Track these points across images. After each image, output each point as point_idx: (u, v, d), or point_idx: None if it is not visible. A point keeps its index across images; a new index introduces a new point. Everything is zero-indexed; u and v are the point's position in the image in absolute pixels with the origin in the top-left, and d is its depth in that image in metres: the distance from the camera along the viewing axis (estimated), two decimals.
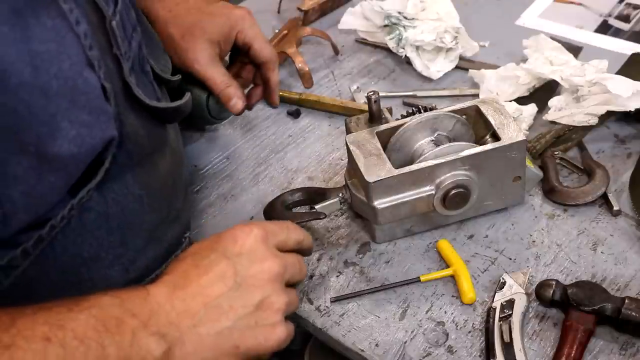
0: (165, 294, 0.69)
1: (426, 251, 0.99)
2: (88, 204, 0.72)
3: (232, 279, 0.72)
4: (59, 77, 0.64)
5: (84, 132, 0.66)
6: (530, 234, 1.00)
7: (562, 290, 0.88)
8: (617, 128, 1.14)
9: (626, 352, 0.85)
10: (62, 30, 0.65)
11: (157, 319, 0.67)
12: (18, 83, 0.61)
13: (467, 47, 1.30)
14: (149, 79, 0.84)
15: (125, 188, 0.76)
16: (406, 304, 0.93)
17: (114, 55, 0.74)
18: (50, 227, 0.69)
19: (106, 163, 0.71)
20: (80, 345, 0.61)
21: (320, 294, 0.95)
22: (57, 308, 0.63)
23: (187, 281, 0.70)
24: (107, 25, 0.73)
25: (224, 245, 0.74)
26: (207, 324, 0.69)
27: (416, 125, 0.98)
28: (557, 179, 1.05)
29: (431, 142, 0.98)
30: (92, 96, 0.67)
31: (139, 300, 0.67)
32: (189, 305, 0.69)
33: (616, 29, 1.36)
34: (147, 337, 0.65)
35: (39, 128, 0.63)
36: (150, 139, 0.81)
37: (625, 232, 0.99)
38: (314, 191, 1.04)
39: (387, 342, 0.89)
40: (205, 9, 1.03)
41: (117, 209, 0.75)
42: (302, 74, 1.28)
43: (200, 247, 0.75)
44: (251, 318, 0.72)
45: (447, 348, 0.88)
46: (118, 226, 0.76)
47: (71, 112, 0.65)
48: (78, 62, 0.66)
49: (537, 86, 1.20)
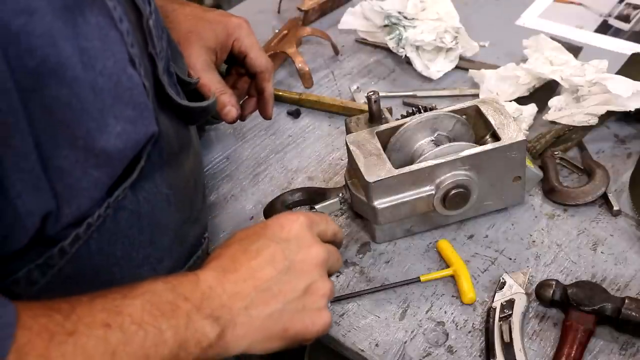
0: (216, 278, 0.70)
1: (426, 251, 0.99)
2: (122, 202, 0.73)
3: (281, 263, 0.73)
4: (104, 74, 0.65)
5: (129, 127, 0.67)
6: (530, 234, 1.00)
7: (562, 290, 0.88)
8: (617, 128, 1.14)
9: (626, 352, 0.85)
10: (105, 27, 0.66)
11: (209, 302, 0.68)
12: (73, 77, 0.62)
13: (467, 47, 1.30)
14: (173, 81, 0.85)
15: (155, 187, 0.77)
16: (406, 304, 0.93)
17: (149, 54, 0.75)
18: (87, 226, 0.70)
19: (142, 161, 0.72)
20: (139, 330, 0.63)
21: None
22: (112, 295, 0.65)
23: (237, 265, 0.72)
24: (144, 24, 0.74)
25: (271, 231, 0.76)
26: (258, 307, 0.71)
27: (416, 125, 0.98)
28: (557, 179, 1.05)
29: (431, 142, 0.98)
30: (135, 92, 0.69)
31: (190, 284, 0.69)
32: (240, 288, 0.70)
33: (616, 29, 1.36)
34: (202, 320, 0.67)
35: (88, 123, 0.64)
36: (178, 138, 0.82)
37: (625, 232, 0.99)
38: (314, 191, 1.04)
39: (387, 342, 0.89)
40: (203, 16, 1.04)
41: (148, 208, 0.76)
42: (302, 74, 1.28)
43: (247, 234, 0.77)
44: (299, 302, 0.73)
45: (447, 348, 0.88)
46: (148, 225, 0.77)
47: (116, 108, 0.66)
48: (121, 59, 0.67)
49: (537, 86, 1.20)
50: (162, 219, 0.79)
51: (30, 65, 0.59)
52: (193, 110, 0.85)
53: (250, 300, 0.71)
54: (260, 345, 0.72)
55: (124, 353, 0.62)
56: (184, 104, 0.81)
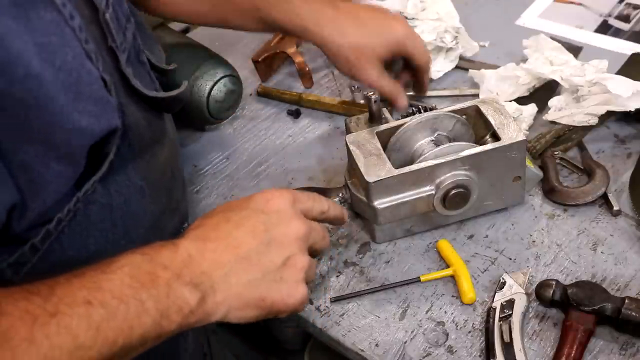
0: (196, 247, 0.71)
1: (426, 251, 0.99)
2: (93, 196, 0.73)
3: (262, 234, 0.75)
4: (64, 69, 0.65)
5: (92, 121, 0.68)
6: (530, 234, 1.00)
7: (562, 290, 0.88)
8: (617, 128, 1.14)
9: (626, 352, 0.85)
10: (60, 23, 0.66)
11: (189, 270, 0.69)
12: (25, 74, 0.61)
13: (467, 47, 1.30)
14: (146, 70, 0.85)
15: (127, 179, 0.77)
16: (406, 304, 0.93)
17: (110, 47, 0.75)
18: (57, 221, 0.70)
19: (111, 155, 0.72)
20: (120, 304, 0.63)
21: (320, 294, 0.95)
22: (90, 272, 0.65)
23: (218, 234, 0.73)
24: (100, 18, 0.74)
25: (255, 203, 0.77)
26: (237, 274, 0.72)
27: (416, 125, 0.98)
28: (557, 179, 1.05)
29: (431, 142, 0.98)
30: (95, 87, 0.68)
31: (169, 253, 0.69)
32: (220, 256, 0.72)
33: (616, 29, 1.36)
34: (182, 287, 0.68)
35: (47, 118, 0.64)
36: (150, 129, 0.82)
37: (625, 232, 0.99)
38: (314, 191, 1.04)
39: (387, 342, 0.89)
40: (368, 22, 1.08)
41: (120, 201, 0.76)
42: (302, 74, 1.28)
43: (231, 205, 0.78)
44: (277, 273, 0.75)
45: (447, 348, 0.88)
46: (121, 218, 0.77)
47: (78, 103, 0.66)
48: (79, 55, 0.67)
49: (537, 86, 1.20)
50: (137, 210, 0.78)
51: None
52: (163, 100, 0.85)
53: (230, 267, 0.72)
54: (238, 312, 0.73)
55: (108, 327, 0.62)
56: (151, 94, 0.81)
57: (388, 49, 1.07)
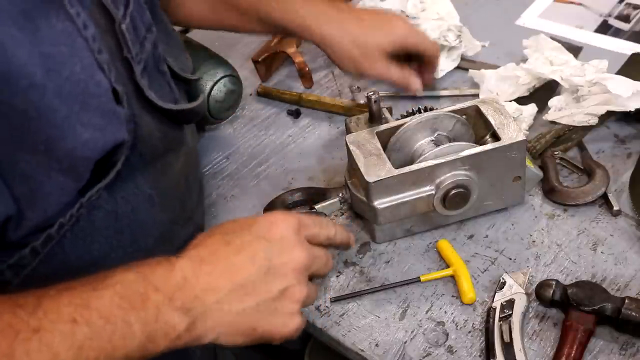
0: (192, 268, 0.69)
1: (426, 251, 0.99)
2: (97, 202, 0.72)
3: (262, 261, 0.72)
4: (71, 80, 0.64)
5: (97, 135, 0.67)
6: (530, 234, 1.00)
7: (562, 290, 0.88)
8: (617, 128, 1.14)
9: (626, 352, 0.85)
10: (72, 33, 0.65)
11: (181, 294, 0.67)
12: (28, 85, 0.61)
13: (469, 46, 1.30)
14: (165, 79, 0.83)
15: (136, 187, 0.76)
16: (406, 304, 0.93)
17: (125, 58, 0.74)
18: (59, 226, 0.69)
19: (118, 165, 0.71)
20: (106, 324, 0.63)
21: (320, 294, 0.95)
22: (81, 287, 0.64)
23: (216, 257, 0.71)
24: (116, 28, 0.73)
25: (258, 227, 0.74)
26: (230, 302, 0.70)
27: (416, 125, 0.98)
28: (557, 179, 1.05)
29: (431, 142, 0.98)
30: (103, 99, 0.68)
31: (163, 273, 0.67)
32: (215, 281, 0.69)
33: (616, 29, 1.36)
34: (172, 312, 0.66)
35: (50, 130, 0.63)
36: (166, 139, 0.81)
37: (625, 232, 0.98)
38: (314, 191, 1.04)
39: (387, 342, 0.89)
40: (370, 20, 1.09)
41: (127, 208, 0.75)
42: (302, 74, 1.28)
43: (234, 227, 0.75)
44: (272, 304, 0.72)
45: (447, 348, 0.88)
46: (128, 226, 0.76)
47: (83, 115, 0.65)
48: (89, 65, 0.66)
49: (537, 86, 1.20)
50: (145, 219, 0.78)
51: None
52: (179, 112, 0.83)
53: (224, 294, 0.69)
54: (228, 338, 0.71)
55: (90, 348, 0.62)
56: (166, 107, 0.79)
57: (392, 44, 1.08)
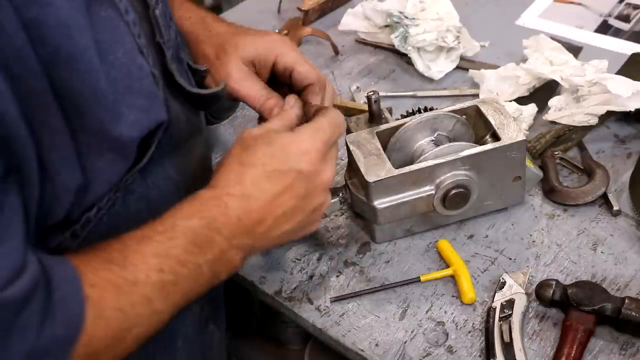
0: (243, 208, 0.76)
1: (426, 251, 0.99)
2: (131, 186, 0.75)
3: (299, 192, 0.79)
4: (115, 65, 0.67)
5: (141, 116, 0.70)
6: (530, 234, 1.00)
7: (562, 290, 0.88)
8: (617, 128, 1.14)
9: (626, 352, 0.85)
10: (114, 19, 0.68)
11: (237, 232, 0.75)
12: (87, 69, 0.64)
13: (468, 47, 1.30)
14: (184, 68, 0.86)
15: (164, 172, 0.80)
16: (406, 303, 0.93)
17: (157, 43, 0.76)
18: (97, 209, 0.72)
19: (152, 147, 0.74)
20: (182, 269, 0.70)
21: (320, 294, 0.95)
22: (157, 237, 0.70)
23: (262, 194, 0.77)
24: (150, 14, 0.76)
25: (294, 158, 0.79)
26: (273, 229, 0.79)
27: (416, 125, 0.98)
28: (557, 179, 1.05)
29: (431, 142, 0.98)
30: (145, 82, 0.71)
31: (221, 216, 0.74)
32: (262, 216, 0.77)
33: (616, 29, 1.36)
34: (231, 250, 0.75)
35: (102, 113, 0.66)
36: (188, 125, 0.84)
37: (625, 232, 0.99)
38: None
39: (387, 342, 0.89)
40: (240, 31, 1.01)
41: (157, 192, 0.79)
42: None
43: (272, 156, 0.79)
44: (306, 219, 0.82)
45: (447, 348, 0.88)
46: (158, 210, 0.78)
47: (128, 98, 0.68)
48: (130, 50, 0.69)
49: (537, 86, 1.20)
50: (171, 204, 0.80)
51: (41, 54, 0.61)
52: (204, 97, 0.86)
53: (269, 225, 0.78)
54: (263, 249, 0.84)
55: (175, 292, 0.70)
56: (194, 91, 0.83)
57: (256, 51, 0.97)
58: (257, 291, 0.97)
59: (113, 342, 0.65)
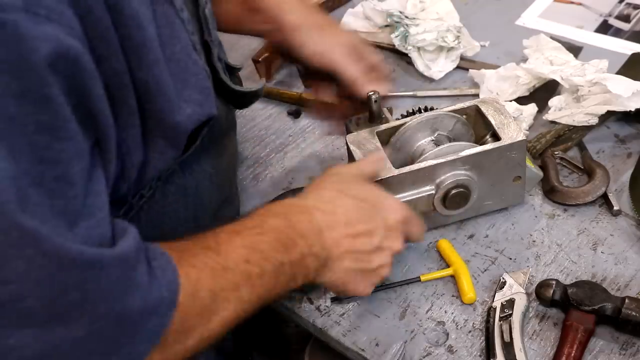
0: (326, 222, 0.81)
1: (426, 251, 0.99)
2: (171, 177, 0.78)
3: (375, 242, 0.84)
4: (173, 60, 0.69)
5: (197, 109, 0.72)
6: (530, 234, 1.00)
7: (562, 290, 0.88)
8: (617, 128, 1.14)
9: (626, 352, 0.85)
10: (171, 16, 0.70)
11: (318, 242, 0.79)
12: (153, 60, 0.66)
13: (468, 47, 1.30)
14: (222, 66, 0.88)
15: (200, 165, 0.83)
16: (406, 303, 0.93)
17: (205, 41, 0.79)
18: (139, 196, 0.74)
19: (199, 139, 0.76)
20: (267, 263, 0.74)
21: (320, 294, 0.95)
22: (247, 231, 0.75)
23: (347, 218, 0.82)
24: (200, 12, 0.78)
25: (385, 209, 0.86)
26: (345, 260, 0.82)
27: (416, 125, 0.98)
28: (557, 179, 1.05)
29: (431, 142, 0.98)
30: (200, 77, 0.73)
31: (306, 223, 0.79)
32: (340, 241, 0.81)
33: (616, 29, 1.36)
34: (310, 257, 0.78)
35: (162, 104, 0.68)
36: (226, 121, 0.87)
37: (625, 232, 0.99)
38: None
39: (387, 341, 0.89)
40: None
41: (193, 185, 0.82)
42: (302, 74, 1.28)
43: (366, 196, 0.85)
44: (367, 275, 0.85)
45: (447, 348, 0.88)
46: (192, 202, 0.81)
47: (185, 92, 0.71)
48: (186, 46, 0.72)
49: (537, 86, 1.20)
50: (205, 197, 0.83)
51: (119, 38, 0.63)
52: (245, 94, 0.90)
53: (343, 252, 0.81)
54: (329, 286, 0.85)
55: (259, 285, 0.73)
56: (238, 88, 0.86)
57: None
58: None
59: (202, 321, 0.69)
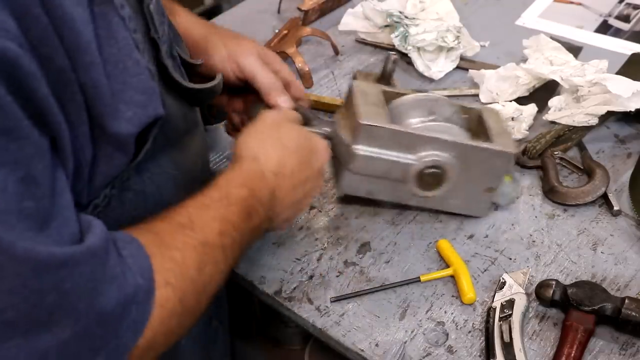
0: (278, 184, 0.84)
1: (426, 251, 0.99)
2: (127, 183, 0.76)
3: (308, 187, 0.90)
4: (110, 62, 0.67)
5: (139, 112, 0.70)
6: (530, 234, 1.00)
7: (562, 290, 0.88)
8: (617, 128, 1.14)
9: (626, 352, 0.85)
10: (108, 15, 0.68)
11: (271, 204, 0.83)
12: (90, 62, 0.64)
13: (468, 47, 1.30)
14: (177, 63, 0.87)
15: (159, 167, 0.81)
16: (406, 303, 0.93)
17: (151, 38, 0.77)
18: (93, 207, 0.73)
19: (148, 143, 0.74)
20: (237, 234, 0.76)
21: (320, 294, 0.95)
22: (214, 204, 0.76)
23: (292, 174, 0.87)
24: (144, 9, 0.76)
25: (317, 156, 0.91)
26: (289, 206, 0.87)
27: (414, 102, 0.97)
28: (557, 179, 1.05)
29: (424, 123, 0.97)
30: (142, 77, 0.71)
31: (263, 190, 0.82)
32: (287, 194, 0.86)
33: (616, 29, 1.36)
34: (266, 219, 0.83)
35: (102, 107, 0.66)
36: (185, 120, 0.86)
37: (625, 232, 0.99)
38: (302, 113, 0.99)
39: (387, 342, 0.89)
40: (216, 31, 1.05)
41: (153, 188, 0.80)
42: (302, 74, 1.28)
43: (304, 146, 0.89)
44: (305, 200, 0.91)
45: (447, 348, 0.88)
46: (155, 206, 0.79)
47: (125, 94, 0.69)
48: (126, 46, 0.69)
49: (537, 86, 1.20)
50: (170, 199, 0.81)
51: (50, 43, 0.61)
52: (200, 91, 0.88)
53: (288, 200, 0.86)
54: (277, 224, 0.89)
55: (230, 253, 0.75)
56: (189, 86, 0.85)
57: None
58: (257, 291, 0.97)
59: (196, 302, 0.70)
